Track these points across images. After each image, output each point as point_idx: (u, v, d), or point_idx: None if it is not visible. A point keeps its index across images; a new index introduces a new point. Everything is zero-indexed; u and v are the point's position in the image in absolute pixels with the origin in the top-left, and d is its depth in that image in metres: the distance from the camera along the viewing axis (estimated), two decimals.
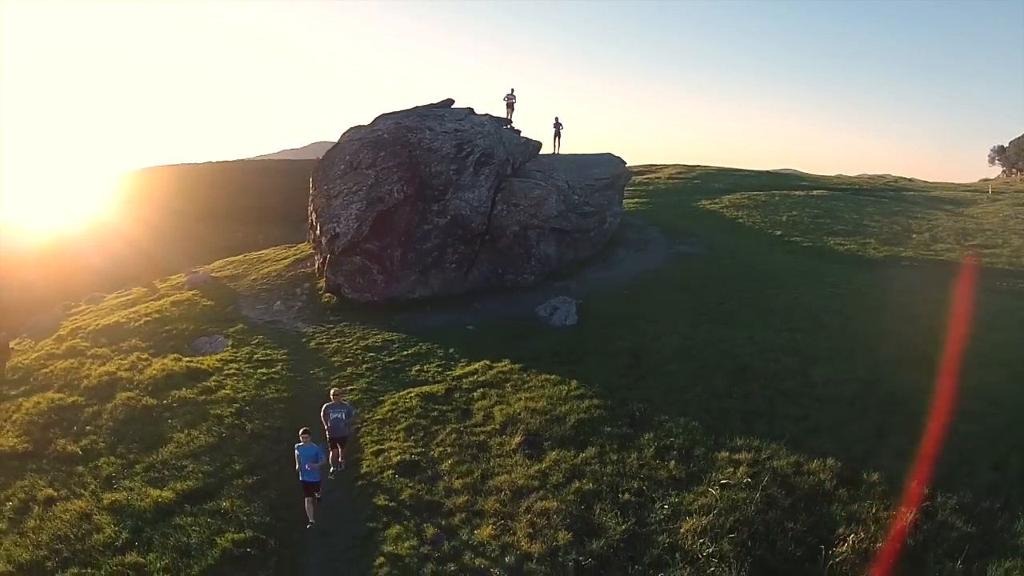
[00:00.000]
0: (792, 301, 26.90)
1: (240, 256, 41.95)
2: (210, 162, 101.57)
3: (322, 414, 17.59)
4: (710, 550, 12.73)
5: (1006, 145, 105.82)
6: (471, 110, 34.65)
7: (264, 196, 75.06)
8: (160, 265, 43.22)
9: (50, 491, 17.05)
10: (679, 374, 20.22)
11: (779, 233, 40.65)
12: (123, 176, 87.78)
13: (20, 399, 22.44)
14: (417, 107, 33.99)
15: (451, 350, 23.97)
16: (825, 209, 48.71)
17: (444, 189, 30.11)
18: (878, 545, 12.73)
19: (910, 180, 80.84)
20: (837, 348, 21.93)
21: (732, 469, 15.15)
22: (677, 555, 12.80)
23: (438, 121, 32.07)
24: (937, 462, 15.24)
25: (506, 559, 13.14)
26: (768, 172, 73.12)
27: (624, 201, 47.27)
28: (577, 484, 15.11)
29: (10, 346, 27.93)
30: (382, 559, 13.86)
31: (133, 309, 31.02)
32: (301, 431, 15.64)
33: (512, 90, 39.89)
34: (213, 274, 36.26)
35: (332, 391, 18.33)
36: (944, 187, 72.72)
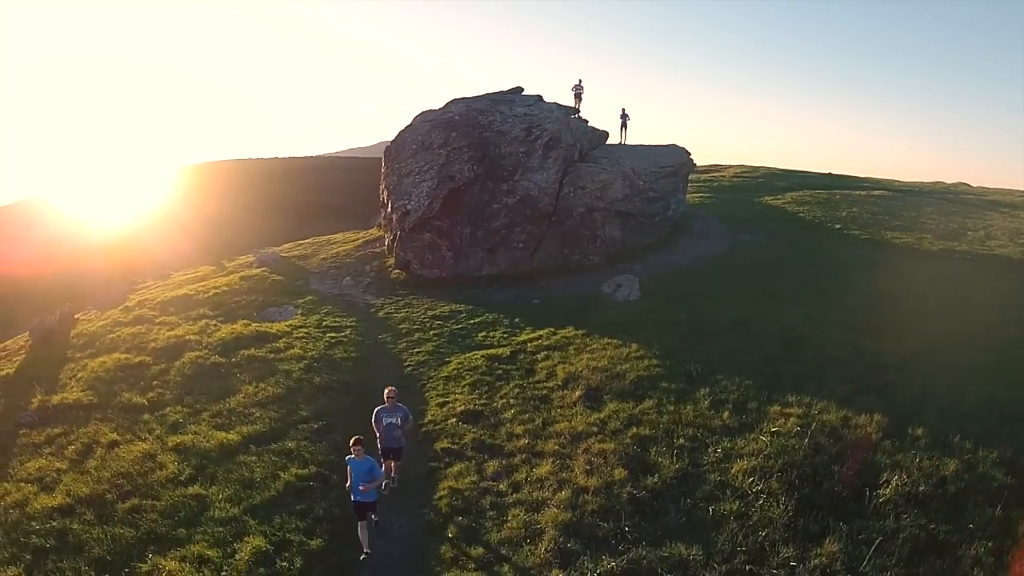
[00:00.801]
0: (846, 285, 27.53)
1: (309, 239, 43.23)
2: (276, 158, 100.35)
3: (373, 419, 15.28)
4: (759, 487, 13.55)
5: None
6: (540, 97, 35.74)
7: (329, 192, 74.54)
8: (222, 257, 44.41)
9: (114, 436, 18.05)
10: (735, 342, 21.04)
11: (838, 227, 40.95)
12: (186, 170, 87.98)
13: (85, 360, 23.40)
14: (488, 93, 35.16)
15: (516, 319, 24.97)
16: (884, 207, 48.61)
17: (513, 170, 31.13)
18: (921, 489, 13.43)
19: (969, 185, 79.88)
20: (888, 325, 22.63)
21: (783, 420, 15.96)
22: (727, 491, 13.63)
23: (508, 105, 33.19)
24: (979, 421, 15.98)
25: (562, 492, 14.04)
26: (831, 174, 72.73)
27: (688, 195, 48.05)
28: (634, 430, 16.03)
29: (75, 316, 29.16)
30: (443, 492, 14.92)
31: (201, 283, 32.09)
32: (352, 441, 13.32)
33: (580, 81, 40.88)
34: (282, 254, 37.51)
35: (386, 391, 15.42)
36: (1002, 192, 71.87)
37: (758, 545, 12.11)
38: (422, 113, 34.08)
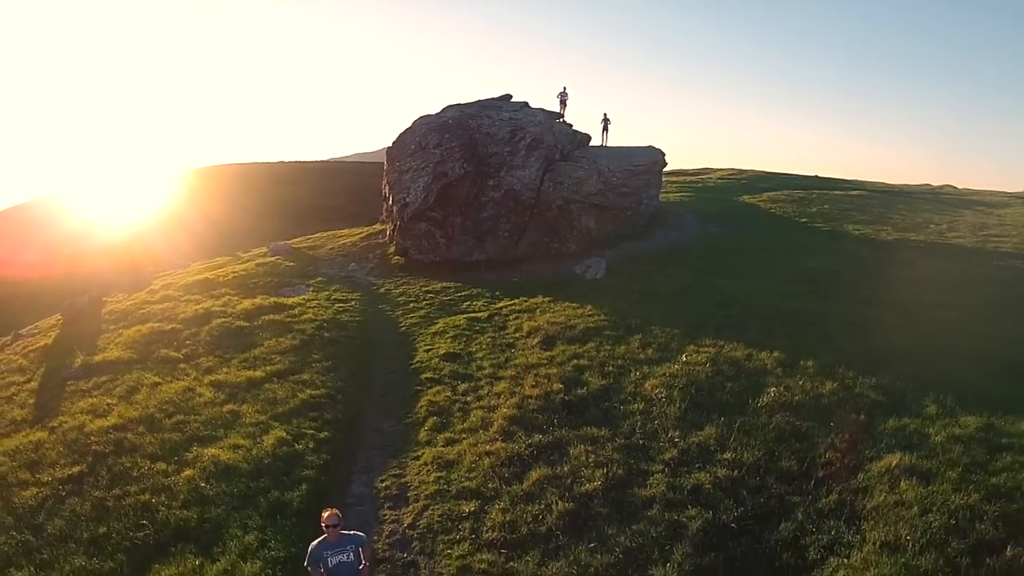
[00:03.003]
0: (792, 265, 31.26)
1: (316, 234, 47.15)
2: (282, 161, 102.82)
3: (308, 562, 10.85)
4: (663, 395, 17.49)
5: None
6: (526, 103, 39.76)
7: (333, 196, 75.71)
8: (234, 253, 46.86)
9: (156, 379, 21.29)
10: (676, 304, 24.84)
11: (804, 220, 44.58)
12: (192, 172, 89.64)
13: (120, 330, 26.39)
14: (479, 100, 39.28)
15: (497, 293, 28.82)
16: (855, 205, 51.92)
17: (499, 167, 35.13)
18: (796, 399, 17.26)
19: (954, 187, 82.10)
20: (817, 292, 26.49)
21: (696, 355, 19.84)
22: (638, 397, 17.58)
23: (496, 111, 37.28)
24: (869, 357, 19.51)
25: (512, 399, 18.09)
26: (817, 176, 75.56)
27: (671, 195, 51.86)
28: (575, 362, 19.98)
29: (103, 299, 31.66)
30: (423, 403, 18.98)
31: (220, 270, 35.26)
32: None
33: (564, 88, 44.84)
34: (293, 246, 41.23)
35: (324, 515, 10.88)
36: (984, 192, 74.72)
37: (652, 429, 16.08)
38: (421, 117, 38.19)
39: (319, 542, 10.77)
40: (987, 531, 11.98)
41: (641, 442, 15.66)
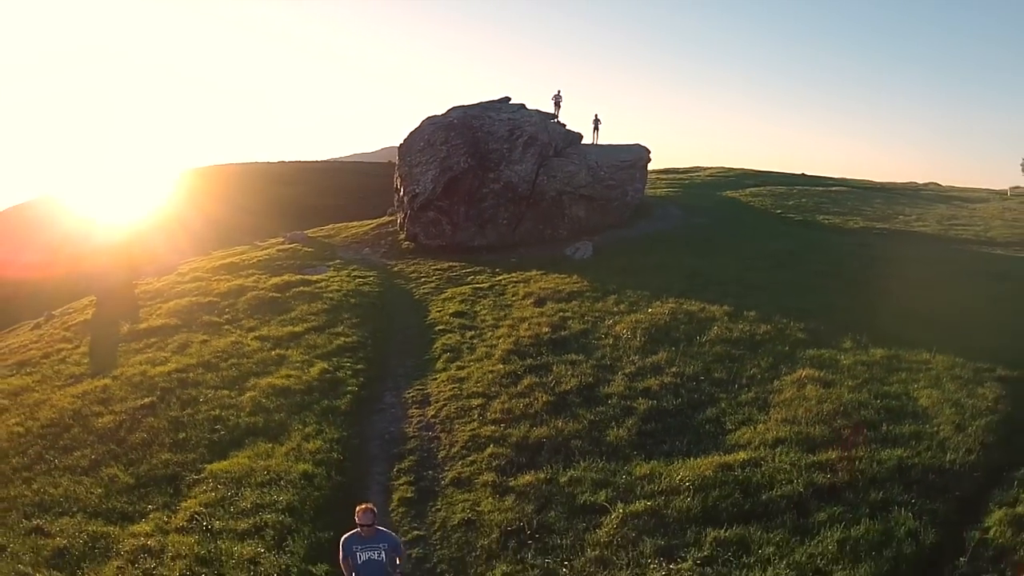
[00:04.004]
0: (759, 247, 35.10)
1: (329, 225, 50.72)
2: (282, 162, 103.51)
3: (340, 555, 10.95)
4: (628, 334, 21.88)
5: None
6: (523, 105, 44.05)
7: (333, 196, 76.16)
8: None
9: (204, 337, 24.43)
10: (650, 275, 28.93)
11: (779, 212, 48.19)
12: (192, 172, 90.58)
13: (159, 304, 29.00)
14: (481, 102, 43.60)
15: (497, 270, 32.91)
16: (831, 199, 54.92)
17: (498, 162, 39.37)
18: (734, 336, 21.53)
19: (939, 185, 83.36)
20: (774, 267, 30.50)
21: (660, 308, 24.13)
22: (609, 335, 22.03)
23: (496, 112, 41.61)
24: (805, 311, 23.60)
25: (510, 339, 22.53)
26: (804, 175, 77.67)
27: (660, 190, 55.73)
28: (561, 314, 24.36)
29: (132, 282, 33.87)
30: (438, 345, 23.47)
31: (243, 255, 38.23)
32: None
33: (559, 91, 49.31)
34: (309, 234, 45.09)
35: (358, 510, 10.89)
36: (965, 190, 76.02)
37: (617, 355, 20.54)
38: (428, 118, 42.51)
39: (351, 535, 10.84)
40: (869, 415, 16.30)
41: (608, 363, 20.16)
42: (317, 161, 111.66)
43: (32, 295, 47.48)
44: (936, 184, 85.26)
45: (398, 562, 11.05)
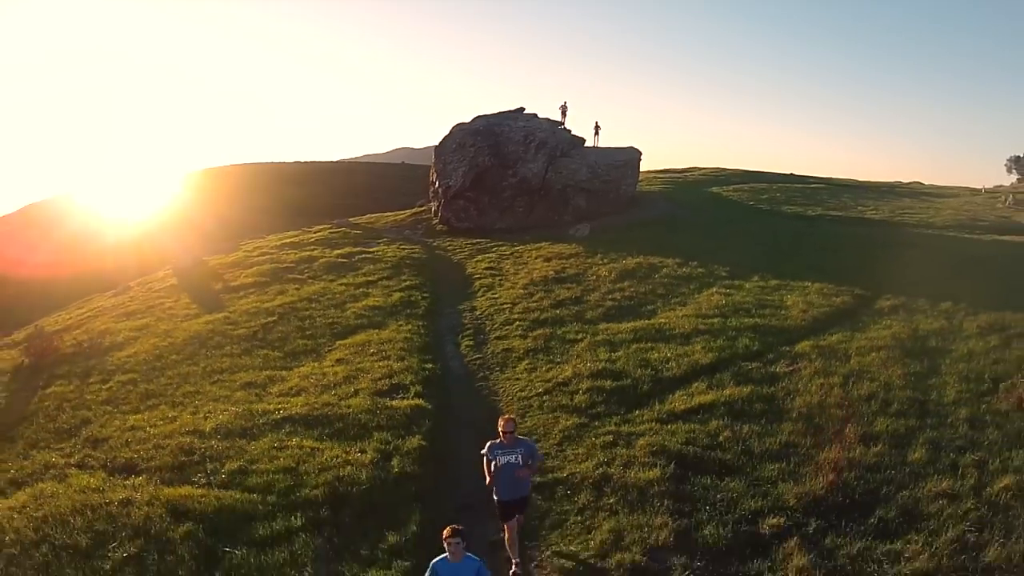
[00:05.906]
0: (727, 230, 44.13)
1: (366, 216, 58.29)
2: (297, 162, 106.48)
3: (484, 459, 12.11)
4: (606, 275, 31.45)
5: (1022, 155, 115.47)
6: (535, 115, 53.68)
7: (350, 195, 78.82)
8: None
9: (294, 287, 31.83)
10: (630, 244, 38.02)
11: (751, 203, 56.51)
12: (207, 172, 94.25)
13: (240, 271, 35.56)
14: (500, 112, 53.33)
15: (515, 243, 42.09)
16: (805, 194, 61.76)
17: (515, 161, 48.85)
18: (677, 273, 31.09)
19: (921, 183, 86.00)
20: (729, 236, 39.84)
21: (630, 261, 33.59)
22: (593, 275, 31.61)
23: (513, 120, 51.28)
24: (734, 263, 32.96)
25: (525, 279, 32.18)
26: (792, 175, 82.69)
27: (654, 187, 64.22)
28: (562, 265, 33.93)
29: (203, 259, 39.51)
30: (477, 286, 33.20)
31: (300, 237, 44.69)
32: (447, 533, 9.20)
33: (565, 102, 59.06)
34: (352, 221, 53.71)
35: (501, 421, 12.09)
36: (943, 188, 79.11)
37: (598, 284, 30.18)
38: (457, 124, 52.14)
39: (495, 443, 11.92)
40: (747, 306, 25.99)
41: (590, 287, 29.90)
42: (330, 162, 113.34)
43: (44, 293, 48.24)
44: (919, 183, 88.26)
45: (531, 462, 12.02)
